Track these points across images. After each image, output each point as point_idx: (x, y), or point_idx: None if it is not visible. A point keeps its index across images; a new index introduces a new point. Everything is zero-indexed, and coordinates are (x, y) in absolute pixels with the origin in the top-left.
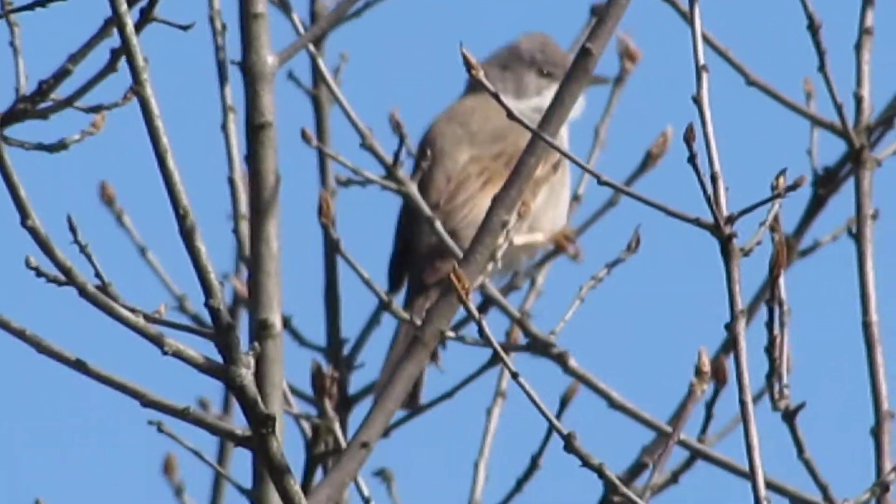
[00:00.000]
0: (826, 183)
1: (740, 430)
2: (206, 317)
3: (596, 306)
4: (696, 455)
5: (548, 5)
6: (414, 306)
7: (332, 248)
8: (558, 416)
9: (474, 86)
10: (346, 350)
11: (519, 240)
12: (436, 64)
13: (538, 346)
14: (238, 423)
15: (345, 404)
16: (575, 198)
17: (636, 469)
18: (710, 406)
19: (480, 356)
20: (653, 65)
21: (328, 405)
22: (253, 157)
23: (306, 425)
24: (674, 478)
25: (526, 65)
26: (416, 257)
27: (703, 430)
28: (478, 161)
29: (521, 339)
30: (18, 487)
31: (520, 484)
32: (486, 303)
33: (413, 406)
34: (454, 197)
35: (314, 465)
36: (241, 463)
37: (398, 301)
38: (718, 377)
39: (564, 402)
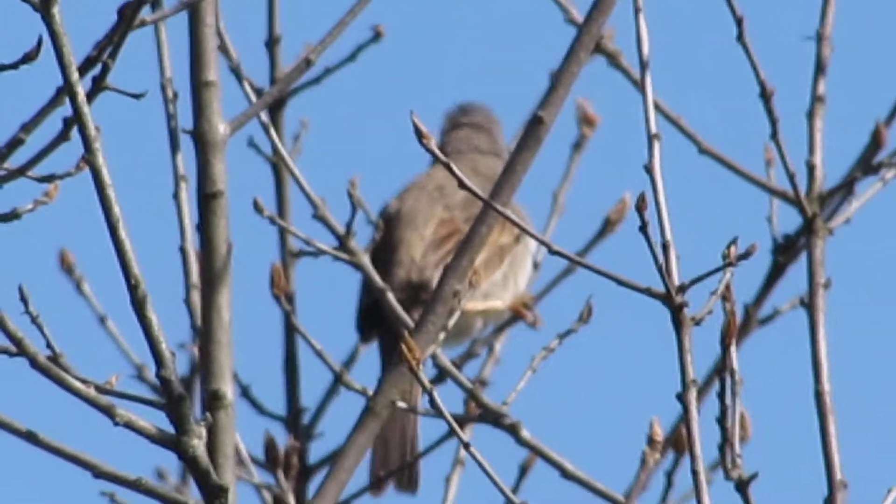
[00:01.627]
0: (785, 251)
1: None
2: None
3: (550, 377)
4: None
5: (506, 72)
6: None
7: (289, 318)
8: (516, 486)
9: (446, 153)
10: (305, 419)
11: (478, 306)
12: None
13: (490, 417)
14: (195, 494)
15: (305, 474)
16: (534, 266)
17: None
18: (669, 475)
19: (441, 424)
20: (610, 131)
21: (282, 476)
22: (204, 226)
23: (267, 495)
24: None
25: (497, 124)
26: (386, 322)
27: (663, 499)
28: (449, 223)
29: (476, 409)
30: None
31: None
32: (441, 373)
33: (413, 489)
34: (427, 255)
35: None
36: None
37: (363, 366)
38: (677, 446)
39: (523, 472)
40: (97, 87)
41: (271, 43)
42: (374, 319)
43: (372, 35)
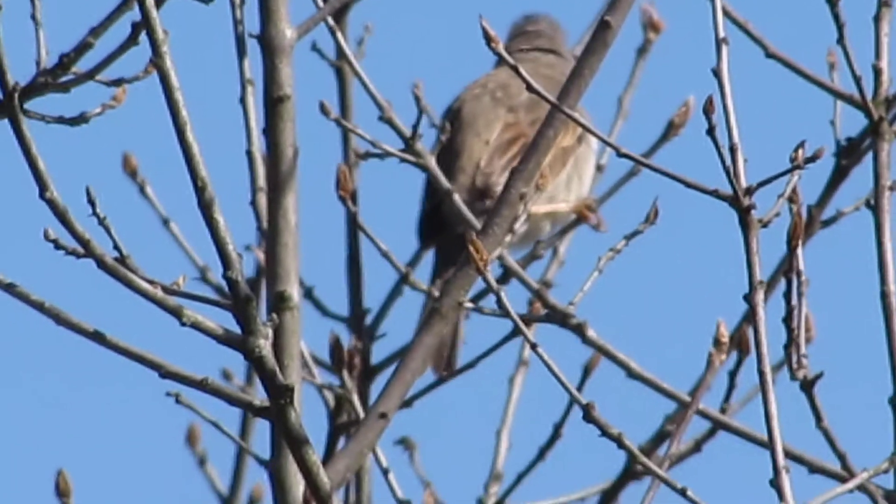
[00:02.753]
0: (848, 154)
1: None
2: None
3: (616, 277)
4: (717, 425)
5: None
6: (443, 274)
7: (353, 220)
8: (580, 387)
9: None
10: (368, 320)
11: (542, 209)
12: (462, 35)
13: (556, 317)
14: (260, 394)
15: (368, 374)
16: (598, 168)
17: (658, 438)
18: (732, 376)
19: (504, 326)
20: (676, 36)
21: (347, 376)
22: (271, 131)
23: (329, 396)
24: (696, 447)
25: (560, 32)
26: (448, 224)
27: (726, 399)
28: (514, 127)
29: (541, 309)
30: (41, 458)
31: (542, 453)
32: (506, 274)
33: (449, 371)
34: (492, 160)
35: (337, 436)
36: (264, 433)
37: (426, 267)
38: (742, 347)
39: (587, 372)
40: None
41: None
42: (434, 226)
43: None
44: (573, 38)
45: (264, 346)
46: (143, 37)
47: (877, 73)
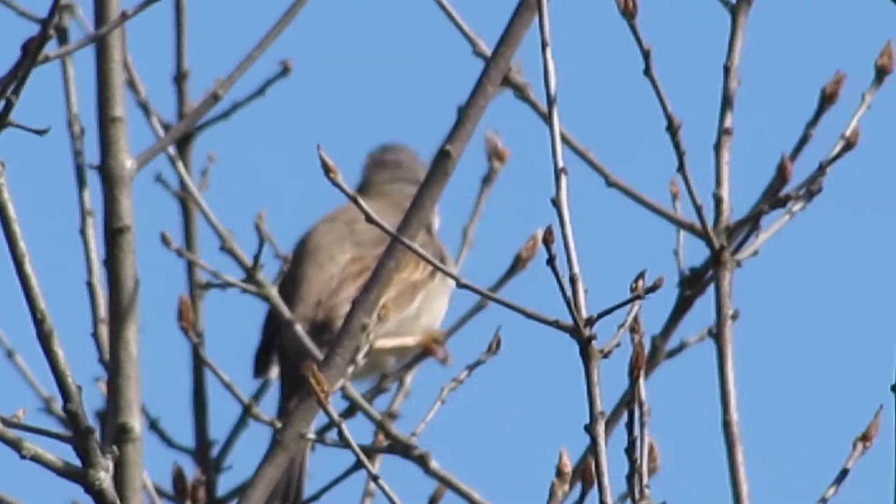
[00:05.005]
0: (692, 284)
1: None
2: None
3: (459, 408)
4: None
5: (414, 105)
6: (288, 406)
7: (196, 350)
8: None
9: (362, 188)
10: (214, 452)
11: (388, 342)
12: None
13: (399, 448)
14: None
15: None
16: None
17: None
18: None
19: (350, 457)
20: (519, 164)
21: None
22: (111, 262)
23: None
24: None
25: (418, 162)
26: (287, 356)
27: None
28: (360, 261)
29: (384, 441)
30: None
31: None
32: (352, 406)
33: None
34: (336, 293)
35: None
36: None
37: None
38: (585, 478)
39: (433, 503)
40: (1, 122)
41: (179, 77)
42: (270, 357)
43: (280, 70)
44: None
45: (104, 478)
46: None
47: (717, 201)
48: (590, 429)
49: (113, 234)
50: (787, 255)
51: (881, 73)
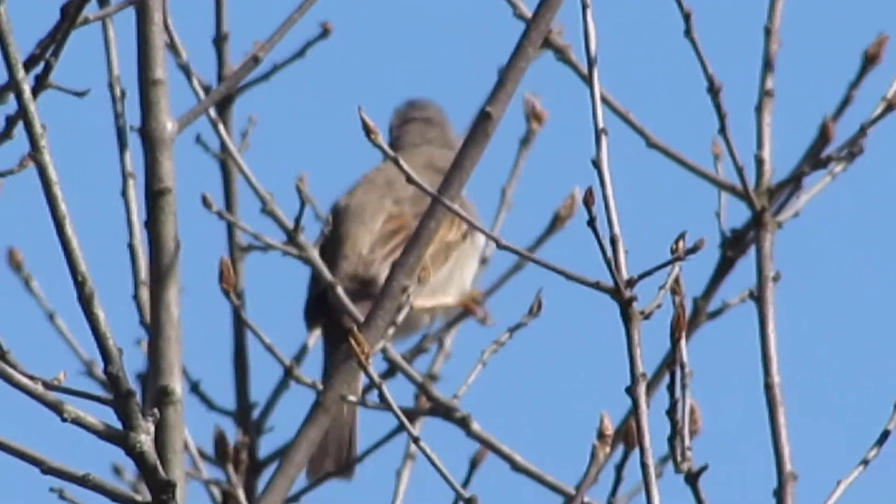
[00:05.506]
0: (733, 245)
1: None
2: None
3: (500, 370)
4: None
5: (454, 67)
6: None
7: (238, 313)
8: (467, 480)
9: (391, 146)
10: (255, 414)
11: (427, 302)
12: (347, 126)
13: (441, 410)
14: None
15: (255, 469)
16: (483, 261)
17: None
18: (619, 469)
19: (391, 419)
20: (559, 126)
21: (232, 471)
22: (152, 224)
23: (216, 491)
24: None
25: (448, 120)
26: (332, 316)
27: (613, 492)
28: (398, 219)
29: (426, 403)
30: None
31: None
32: (392, 367)
33: (349, 474)
34: (374, 250)
35: None
36: None
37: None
38: (628, 440)
39: (474, 466)
40: (40, 85)
41: (219, 40)
42: (320, 312)
43: (320, 32)
44: (458, 123)
45: (145, 441)
46: (17, 130)
47: (759, 163)
48: (631, 391)
49: (154, 196)
50: (828, 216)
51: None
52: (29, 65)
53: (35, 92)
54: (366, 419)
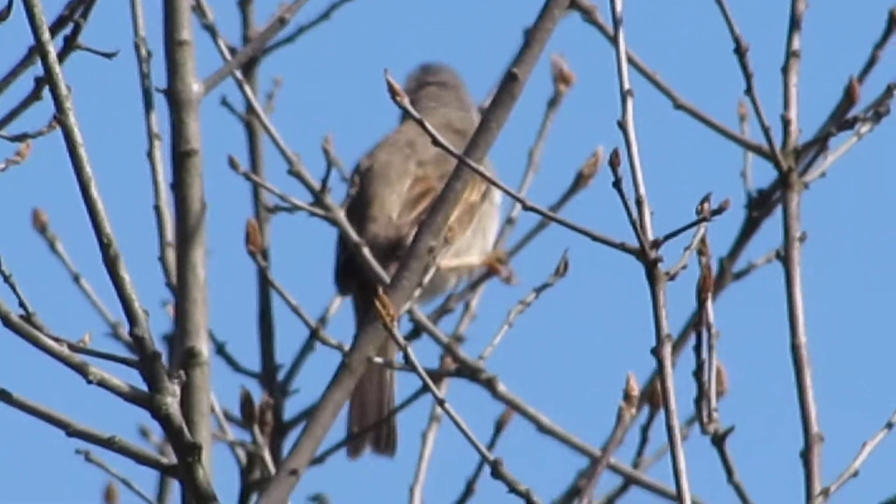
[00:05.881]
0: (759, 206)
1: None
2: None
3: (526, 330)
4: (628, 480)
5: (481, 29)
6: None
7: (263, 275)
8: (492, 442)
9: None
10: (280, 376)
11: (452, 262)
12: (372, 87)
13: (467, 372)
14: None
15: (280, 431)
16: (508, 221)
17: (571, 494)
18: (644, 430)
19: (417, 380)
20: (586, 87)
21: (258, 432)
22: (179, 185)
23: (241, 452)
24: (608, 503)
25: (463, 83)
26: (361, 277)
27: (639, 453)
28: (424, 181)
29: (451, 364)
30: None
31: None
32: (417, 328)
33: (390, 452)
34: (402, 214)
35: (249, 493)
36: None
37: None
38: (653, 401)
39: (499, 428)
40: (69, 46)
41: (244, 1)
42: (350, 274)
43: None
44: (478, 90)
45: (171, 403)
46: (46, 92)
47: (785, 123)
48: (656, 351)
49: (180, 158)
50: (855, 176)
51: None
52: (58, 26)
53: (64, 53)
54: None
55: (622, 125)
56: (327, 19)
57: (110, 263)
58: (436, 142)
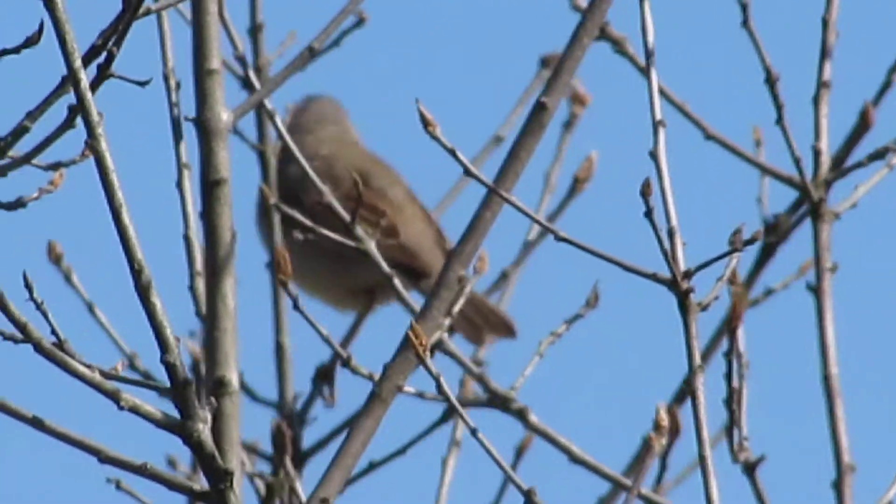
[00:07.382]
0: (776, 231)
1: (696, 478)
2: (158, 375)
3: (557, 361)
4: None
5: (508, 58)
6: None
7: (277, 304)
8: (514, 467)
9: (299, 128)
10: (298, 405)
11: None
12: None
13: (498, 402)
14: (204, 481)
15: (298, 460)
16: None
17: None
18: (664, 458)
19: (433, 408)
20: (610, 115)
21: (289, 463)
22: (208, 214)
23: (260, 483)
24: None
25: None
26: None
27: (658, 480)
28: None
29: (476, 391)
30: None
31: None
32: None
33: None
34: (406, 225)
35: None
36: None
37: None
38: (673, 428)
39: (520, 453)
40: (102, 74)
41: (254, 30)
42: None
43: (356, 21)
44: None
45: (203, 430)
46: (80, 120)
47: (816, 154)
48: (688, 382)
49: (210, 187)
50: (886, 207)
51: None
52: (91, 55)
53: (97, 82)
54: (408, 407)
55: (654, 155)
56: (338, 46)
57: (142, 290)
58: (468, 172)
